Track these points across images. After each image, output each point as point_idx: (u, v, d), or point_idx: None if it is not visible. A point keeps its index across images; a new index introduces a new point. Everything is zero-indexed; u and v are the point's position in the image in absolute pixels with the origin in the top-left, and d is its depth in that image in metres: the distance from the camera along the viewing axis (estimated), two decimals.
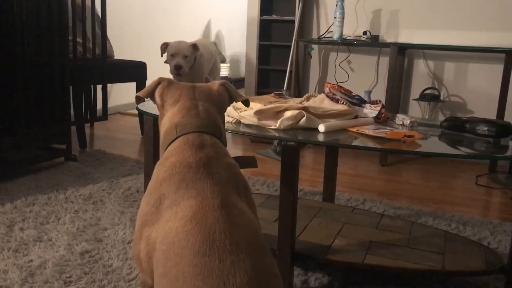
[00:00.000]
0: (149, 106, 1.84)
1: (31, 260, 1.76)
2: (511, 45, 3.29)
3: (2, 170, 2.67)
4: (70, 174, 2.80)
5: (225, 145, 1.13)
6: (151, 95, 1.19)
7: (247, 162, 1.22)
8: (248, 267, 0.81)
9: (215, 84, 1.20)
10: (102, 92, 3.54)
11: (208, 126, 1.09)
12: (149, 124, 1.88)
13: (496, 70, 3.43)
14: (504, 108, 3.24)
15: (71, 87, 3.19)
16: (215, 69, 4.08)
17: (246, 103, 1.27)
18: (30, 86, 2.72)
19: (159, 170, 1.02)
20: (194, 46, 3.44)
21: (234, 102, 1.27)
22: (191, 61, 3.44)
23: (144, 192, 2.08)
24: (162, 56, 3.44)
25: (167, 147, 1.08)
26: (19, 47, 2.62)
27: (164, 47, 3.42)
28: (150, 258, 0.93)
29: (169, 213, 0.92)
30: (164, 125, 1.13)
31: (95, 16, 3.29)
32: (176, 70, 3.35)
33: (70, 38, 3.06)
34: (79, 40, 3.21)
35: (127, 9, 4.90)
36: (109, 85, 3.59)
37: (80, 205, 2.31)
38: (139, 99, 1.19)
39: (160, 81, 1.19)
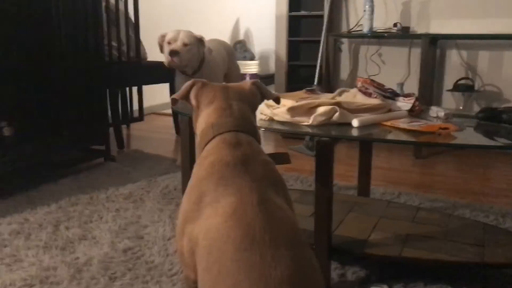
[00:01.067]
0: (184, 106, 1.89)
1: (78, 258, 1.84)
2: None
3: (45, 171, 2.78)
4: (110, 174, 2.89)
5: (260, 143, 1.17)
6: (186, 96, 1.23)
7: (281, 158, 1.25)
8: (288, 261, 0.84)
9: (246, 84, 1.24)
10: (138, 94, 3.63)
11: (243, 125, 1.13)
12: (184, 124, 1.93)
13: None
14: None
15: (108, 89, 3.29)
16: (234, 72, 3.55)
17: (277, 100, 1.31)
18: (69, 90, 2.82)
19: (199, 169, 1.06)
20: (200, 40, 2.96)
21: (266, 100, 1.31)
22: (193, 54, 2.90)
23: (182, 190, 2.14)
24: (162, 52, 2.96)
25: (205, 147, 1.12)
26: (57, 52, 2.72)
27: (162, 40, 2.93)
28: (193, 254, 0.97)
29: (210, 210, 0.95)
30: (200, 126, 1.17)
31: (128, 20, 3.38)
32: (171, 55, 2.82)
33: (106, 42, 3.16)
34: (114, 44, 3.30)
35: (158, 12, 4.99)
36: (143, 86, 3.68)
37: (120, 204, 2.39)
38: (175, 101, 1.24)
39: (194, 83, 1.23)
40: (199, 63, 2.98)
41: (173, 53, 2.82)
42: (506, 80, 3.48)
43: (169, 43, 2.87)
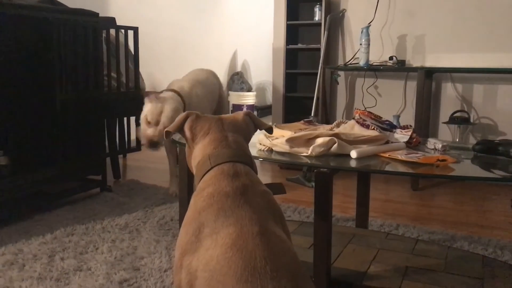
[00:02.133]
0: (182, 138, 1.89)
1: None
2: None
3: (41, 201, 2.76)
4: (106, 204, 2.87)
5: (256, 173, 1.17)
6: (180, 129, 1.23)
7: (276, 188, 1.24)
8: None
9: (239, 114, 1.25)
10: (136, 124, 3.64)
11: (240, 155, 1.13)
12: (183, 154, 1.94)
13: None
14: None
15: (105, 120, 3.30)
16: (222, 103, 3.45)
17: (270, 130, 1.32)
18: (67, 120, 2.83)
19: (197, 200, 1.05)
20: (178, 96, 2.73)
21: (259, 130, 1.32)
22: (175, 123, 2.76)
23: (179, 220, 2.12)
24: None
25: (202, 178, 1.12)
26: (57, 81, 2.75)
27: (142, 93, 2.76)
28: (191, 287, 0.96)
29: (209, 241, 0.94)
30: (197, 157, 1.17)
31: (128, 52, 3.42)
32: (150, 147, 2.60)
33: (105, 72, 3.19)
34: (113, 74, 3.34)
35: (157, 44, 5.07)
36: None
37: (116, 235, 2.37)
38: (168, 134, 1.24)
39: (188, 115, 1.23)
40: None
41: (152, 145, 2.58)
42: (500, 113, 3.53)
43: (149, 122, 2.59)
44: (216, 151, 1.13)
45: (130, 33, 3.40)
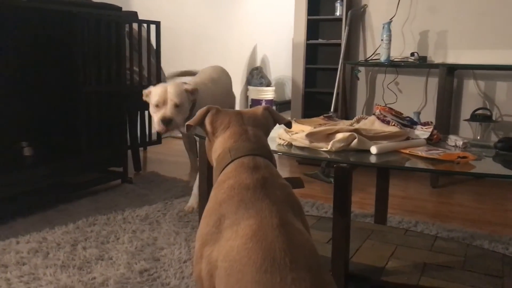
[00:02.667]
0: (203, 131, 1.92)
1: (95, 278, 1.86)
2: None
3: (64, 192, 2.82)
4: (126, 195, 2.92)
5: (275, 166, 1.19)
6: (201, 123, 1.25)
7: (295, 182, 1.26)
8: (308, 285, 0.84)
9: (259, 109, 1.27)
10: None
11: (259, 149, 1.15)
12: (203, 148, 1.96)
13: None
14: None
15: (127, 113, 3.35)
16: (231, 102, 3.29)
17: (289, 124, 1.34)
18: (90, 113, 2.89)
19: (217, 192, 1.07)
20: (192, 91, 2.56)
21: (280, 125, 1.34)
22: (186, 111, 2.52)
23: (199, 213, 2.15)
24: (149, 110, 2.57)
25: (222, 171, 1.14)
26: (80, 75, 2.80)
27: (148, 95, 2.53)
28: (212, 277, 0.98)
29: (230, 233, 0.96)
30: (217, 150, 1.19)
31: (150, 46, 3.46)
32: (164, 124, 2.43)
33: (127, 66, 3.23)
34: (135, 69, 3.38)
35: (179, 38, 5.11)
36: None
37: (137, 226, 2.41)
38: (189, 127, 1.26)
39: (209, 109, 1.25)
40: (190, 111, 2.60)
41: (166, 121, 2.42)
42: None
43: (157, 105, 2.45)
44: (236, 145, 1.15)
45: (152, 27, 3.43)
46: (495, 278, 1.65)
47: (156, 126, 2.47)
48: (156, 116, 2.45)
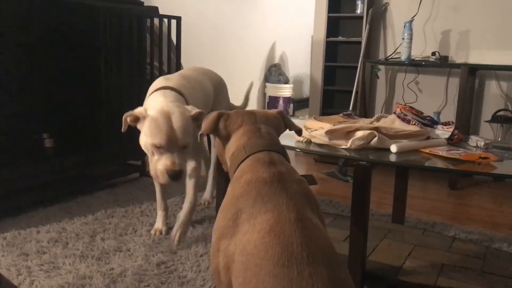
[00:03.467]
0: None
1: (113, 268, 1.88)
2: None
3: (83, 183, 2.87)
4: (144, 189, 2.95)
5: (289, 163, 1.19)
6: (213, 130, 1.22)
7: (308, 179, 1.25)
8: (325, 279, 0.84)
9: (272, 111, 1.28)
10: None
11: (273, 145, 1.16)
12: (218, 142, 1.96)
13: None
14: None
15: None
16: (222, 104, 2.61)
17: (299, 133, 1.35)
18: (111, 106, 2.92)
19: (235, 187, 1.08)
20: (197, 116, 1.92)
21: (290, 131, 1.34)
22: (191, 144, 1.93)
23: (216, 207, 2.16)
24: (124, 130, 1.95)
25: (237, 168, 1.14)
26: (102, 68, 2.83)
27: (132, 119, 1.91)
28: (228, 270, 0.99)
29: (247, 226, 0.97)
30: (230, 149, 1.19)
31: (170, 42, 3.48)
32: (172, 178, 1.83)
33: (148, 61, 3.26)
34: (155, 63, 3.41)
35: (199, 34, 5.13)
36: None
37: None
38: (201, 137, 1.30)
39: (220, 115, 1.23)
40: None
41: (175, 175, 1.81)
42: None
43: (157, 147, 1.82)
44: (251, 141, 1.15)
45: (173, 22, 3.45)
46: None
47: (160, 177, 1.83)
48: (160, 164, 1.82)
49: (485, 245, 2.11)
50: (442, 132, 1.80)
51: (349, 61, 4.05)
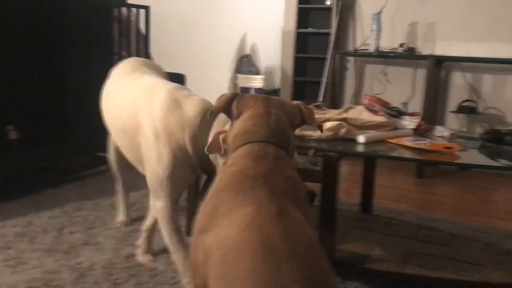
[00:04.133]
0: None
1: (81, 262, 1.86)
2: None
3: (51, 176, 2.81)
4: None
5: (292, 155, 1.16)
6: (225, 109, 1.21)
7: (308, 195, 1.23)
8: (304, 275, 0.82)
9: (293, 102, 1.23)
10: None
11: (275, 135, 1.11)
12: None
13: None
14: None
15: None
16: None
17: (320, 129, 1.29)
18: (78, 98, 2.86)
19: (220, 178, 1.05)
20: None
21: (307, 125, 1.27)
22: None
23: (188, 198, 2.15)
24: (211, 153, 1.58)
25: (233, 153, 1.12)
26: (69, 60, 2.77)
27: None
28: (205, 264, 0.96)
29: (227, 220, 0.95)
30: (233, 131, 1.17)
31: (139, 32, 3.43)
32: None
33: (116, 52, 3.20)
34: (124, 54, 3.35)
35: (169, 24, 5.06)
36: None
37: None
38: (213, 113, 1.24)
39: (235, 95, 1.21)
40: None
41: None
42: (509, 103, 3.52)
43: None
44: (253, 128, 1.12)
45: (142, 12, 3.40)
46: (476, 266, 1.68)
47: None
48: None
49: (450, 232, 2.17)
50: (409, 123, 1.84)
51: (320, 52, 4.08)
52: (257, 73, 6.47)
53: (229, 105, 1.21)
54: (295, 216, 0.95)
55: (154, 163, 1.53)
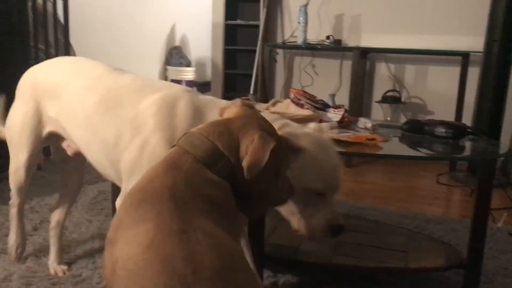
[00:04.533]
0: None
1: None
2: (467, 48, 3.42)
3: None
4: (35, 183, 2.72)
5: (223, 176, 1.02)
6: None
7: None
8: None
9: (259, 131, 1.06)
10: None
11: (205, 150, 1.01)
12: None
13: (453, 73, 3.56)
14: (461, 109, 3.37)
15: None
16: None
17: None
18: None
19: (137, 182, 0.99)
20: None
21: None
22: None
23: (112, 199, 2.06)
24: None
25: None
26: None
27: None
28: (112, 278, 0.90)
29: (130, 234, 0.88)
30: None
31: (58, 22, 3.24)
32: (336, 236, 1.40)
33: (32, 44, 3.01)
34: (41, 46, 3.15)
35: (91, 15, 4.84)
36: None
37: (45, 215, 2.27)
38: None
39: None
40: None
41: (340, 233, 1.37)
42: (430, 93, 3.69)
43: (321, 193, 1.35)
44: (192, 132, 1.04)
45: (59, 1, 3.22)
46: (400, 253, 1.74)
47: (317, 235, 1.35)
48: (319, 218, 1.33)
49: (376, 220, 2.24)
50: (334, 115, 1.86)
51: (250, 44, 4.07)
52: (188, 65, 6.37)
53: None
54: (204, 230, 0.88)
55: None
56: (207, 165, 0.99)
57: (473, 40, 3.37)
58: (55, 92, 1.53)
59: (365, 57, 3.62)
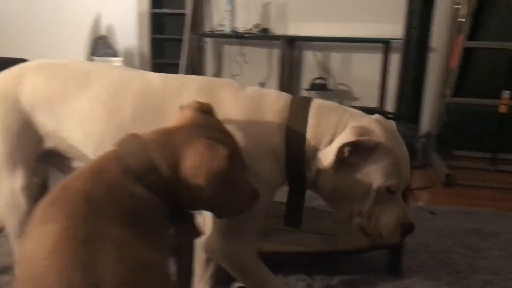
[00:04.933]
0: None
1: None
2: (389, 36, 3.55)
3: None
4: None
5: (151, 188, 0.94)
6: None
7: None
8: None
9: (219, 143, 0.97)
10: None
11: (138, 162, 0.92)
12: None
13: (376, 59, 3.70)
14: (384, 94, 3.51)
15: None
16: None
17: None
18: None
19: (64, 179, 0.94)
20: None
21: None
22: None
23: None
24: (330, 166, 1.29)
25: None
26: None
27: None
28: (19, 269, 0.86)
29: (37, 232, 0.84)
30: None
31: None
32: (405, 235, 1.28)
33: None
34: None
35: (4, 2, 4.54)
36: None
37: None
38: None
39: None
40: None
41: (410, 232, 1.21)
42: (355, 80, 3.81)
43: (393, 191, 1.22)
44: (137, 135, 0.95)
45: None
46: (327, 236, 1.79)
47: (389, 236, 1.20)
48: (390, 216, 1.19)
49: (306, 205, 2.29)
50: None
51: (177, 33, 4.00)
52: (115, 55, 6.16)
53: None
54: (115, 241, 0.84)
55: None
56: (136, 178, 0.91)
57: (394, 27, 3.50)
58: (52, 103, 1.26)
59: (292, 46, 3.67)
